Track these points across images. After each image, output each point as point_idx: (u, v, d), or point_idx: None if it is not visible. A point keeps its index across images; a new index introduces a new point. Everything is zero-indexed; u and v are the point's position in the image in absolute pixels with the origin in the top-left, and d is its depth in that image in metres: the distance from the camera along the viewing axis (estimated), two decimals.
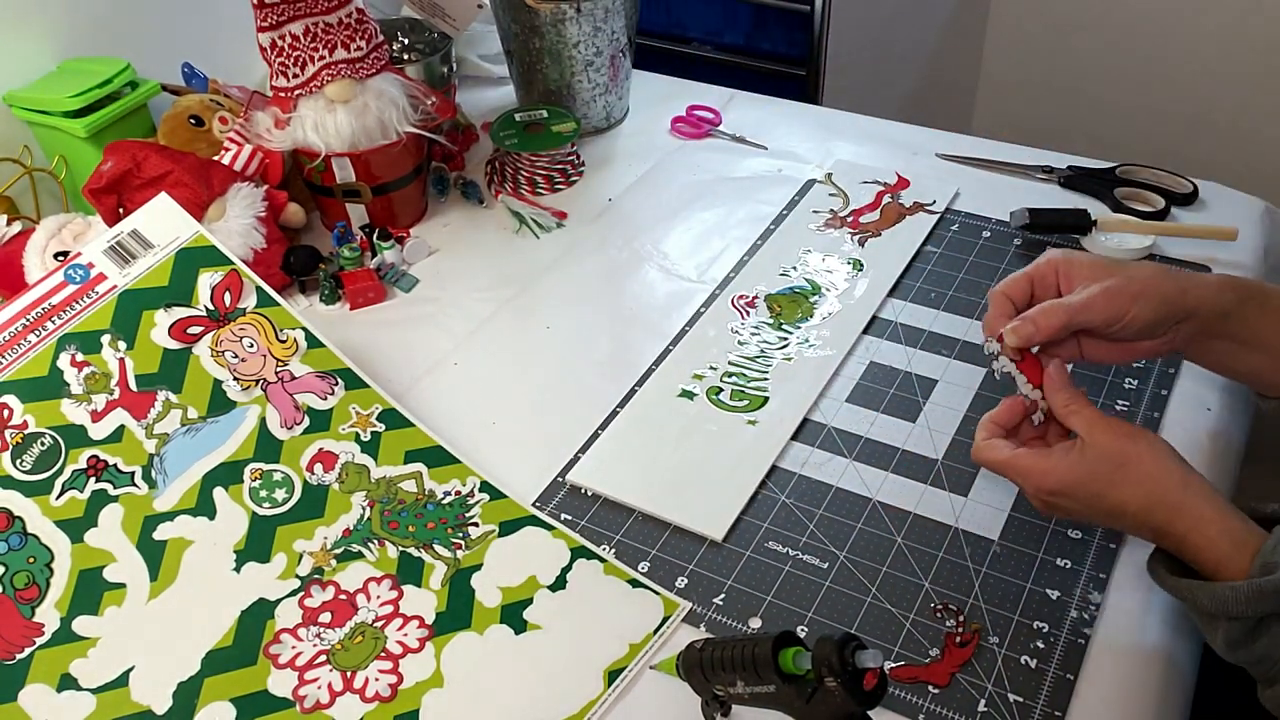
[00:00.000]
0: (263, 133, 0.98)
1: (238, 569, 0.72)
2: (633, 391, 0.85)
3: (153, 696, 0.65)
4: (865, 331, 0.89)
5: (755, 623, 0.68)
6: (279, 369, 0.80)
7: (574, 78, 1.13)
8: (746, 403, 0.83)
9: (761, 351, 0.88)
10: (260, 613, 0.70)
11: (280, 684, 0.66)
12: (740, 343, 0.89)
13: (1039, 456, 0.64)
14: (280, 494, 0.75)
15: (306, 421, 0.78)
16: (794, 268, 0.96)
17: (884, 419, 0.81)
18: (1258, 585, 0.56)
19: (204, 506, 0.74)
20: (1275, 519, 0.61)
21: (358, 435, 0.79)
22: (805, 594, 0.69)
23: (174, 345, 0.78)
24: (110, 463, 0.73)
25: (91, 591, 0.69)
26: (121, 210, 0.90)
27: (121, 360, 0.76)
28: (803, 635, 0.66)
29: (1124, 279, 0.65)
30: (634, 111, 1.23)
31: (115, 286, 0.79)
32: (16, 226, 0.96)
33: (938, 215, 1.01)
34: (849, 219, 1.02)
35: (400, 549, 0.73)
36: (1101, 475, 0.62)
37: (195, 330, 0.79)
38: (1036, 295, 0.69)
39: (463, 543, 0.74)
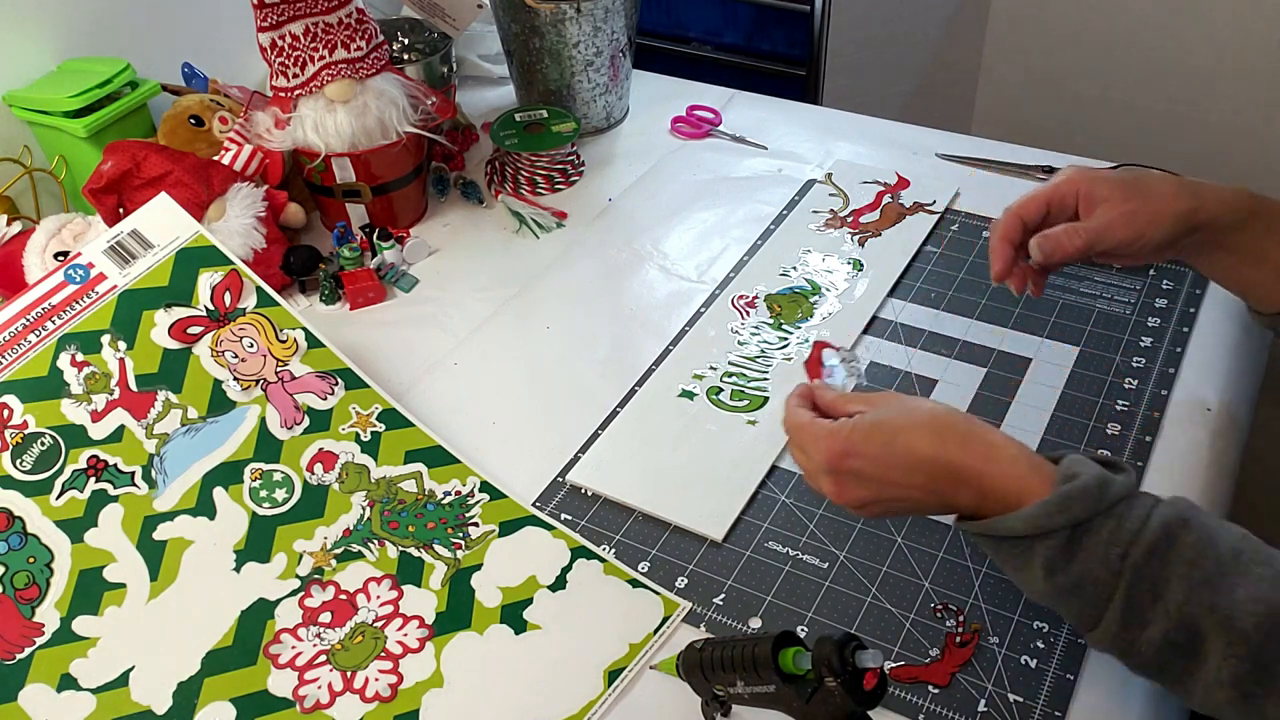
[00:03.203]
0: (263, 133, 0.98)
1: (238, 569, 0.72)
2: (633, 391, 0.85)
3: (153, 696, 0.66)
4: (865, 331, 0.89)
5: (755, 623, 0.68)
6: (279, 369, 0.80)
7: (574, 78, 1.13)
8: (746, 403, 0.83)
9: (761, 351, 0.88)
10: (260, 613, 0.70)
11: (280, 684, 0.66)
12: (740, 343, 0.89)
13: (830, 423, 0.63)
14: (280, 494, 0.75)
15: (306, 421, 0.78)
16: (794, 268, 0.96)
17: None
18: (1065, 492, 0.55)
19: (204, 506, 0.74)
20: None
21: (358, 435, 0.79)
22: (805, 594, 0.69)
23: (174, 345, 0.78)
24: (110, 463, 0.73)
25: (91, 591, 0.69)
26: (121, 210, 0.90)
27: (121, 360, 0.77)
28: (803, 635, 0.66)
29: (1141, 202, 0.67)
30: (634, 111, 1.23)
31: (115, 286, 0.79)
32: (16, 226, 0.96)
33: (938, 215, 1.01)
34: (849, 219, 1.02)
35: (400, 549, 0.73)
36: (889, 421, 0.60)
37: (195, 330, 0.79)
38: (1052, 216, 0.69)
39: (463, 543, 0.74)
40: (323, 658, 0.67)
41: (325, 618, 0.70)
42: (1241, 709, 0.52)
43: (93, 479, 0.73)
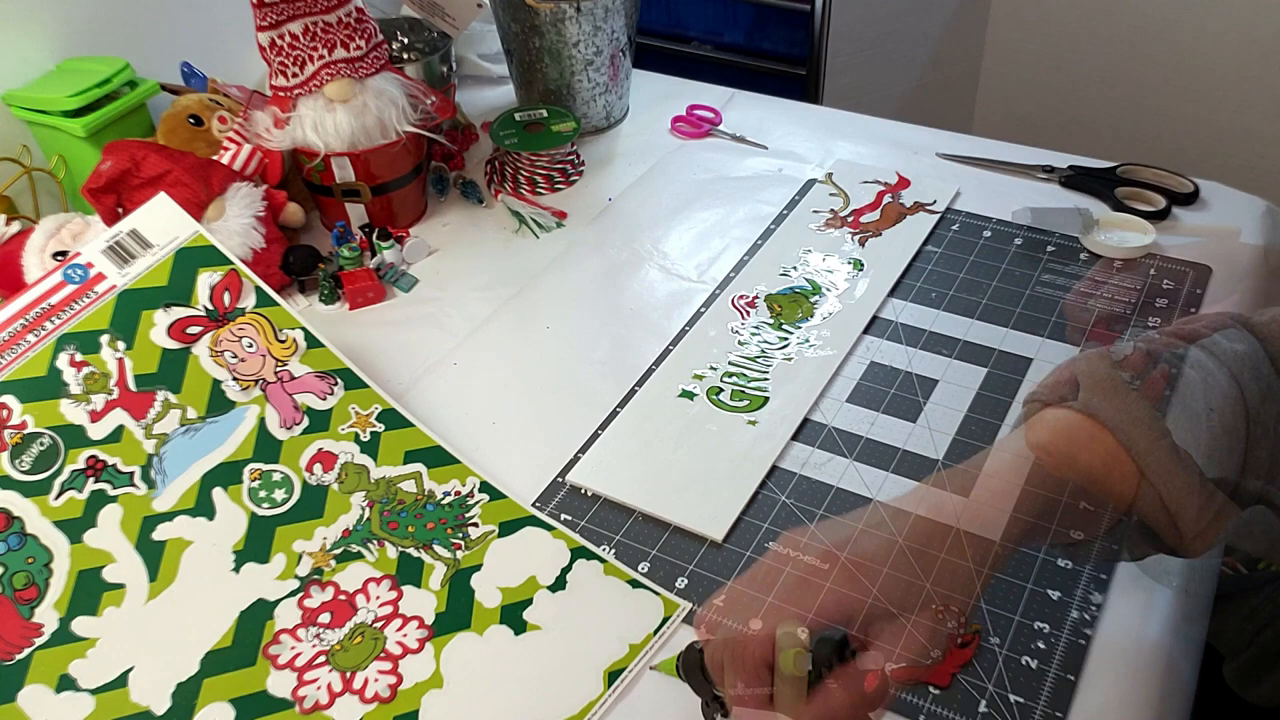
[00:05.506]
0: (262, 132, 0.98)
1: (237, 569, 0.72)
2: (633, 391, 0.85)
3: (152, 697, 0.65)
4: (865, 331, 0.89)
5: (755, 623, 0.68)
6: (278, 369, 0.80)
7: (574, 77, 1.13)
8: (747, 403, 0.83)
9: (762, 351, 0.88)
10: (259, 613, 0.70)
11: (279, 684, 0.66)
12: (740, 343, 0.89)
13: None
14: (279, 494, 0.75)
15: (306, 421, 0.78)
16: (794, 268, 0.96)
17: (884, 419, 0.81)
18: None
19: (203, 507, 0.73)
20: None
21: (357, 435, 0.79)
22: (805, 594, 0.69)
23: (173, 345, 0.78)
24: (109, 463, 0.73)
25: (90, 592, 0.69)
26: (120, 210, 0.90)
27: (120, 360, 0.76)
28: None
29: None
30: (634, 111, 1.23)
31: (114, 286, 0.78)
32: (15, 226, 0.96)
33: (938, 215, 1.01)
34: (849, 219, 1.02)
35: (400, 549, 0.73)
36: None
37: (194, 330, 0.79)
38: None
39: (462, 543, 0.73)
40: (322, 658, 0.67)
41: (324, 618, 0.69)
42: None
43: (92, 479, 0.72)
